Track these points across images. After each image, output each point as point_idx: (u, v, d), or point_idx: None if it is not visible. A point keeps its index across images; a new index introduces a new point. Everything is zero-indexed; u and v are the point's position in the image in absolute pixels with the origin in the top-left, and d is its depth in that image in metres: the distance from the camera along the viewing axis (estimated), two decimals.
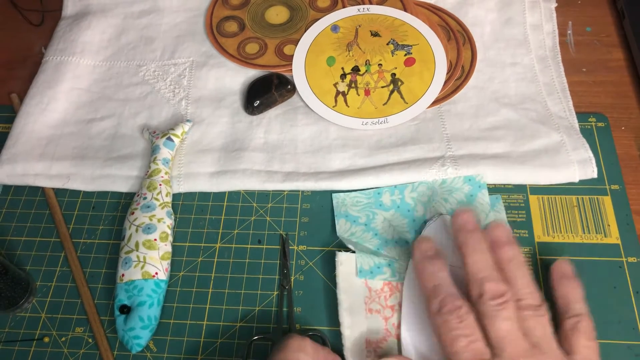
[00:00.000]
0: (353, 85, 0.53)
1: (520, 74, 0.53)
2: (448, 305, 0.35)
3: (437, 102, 0.52)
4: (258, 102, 0.52)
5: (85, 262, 0.47)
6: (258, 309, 0.44)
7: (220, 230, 0.47)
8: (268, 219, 0.48)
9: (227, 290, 0.44)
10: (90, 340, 0.43)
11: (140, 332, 0.41)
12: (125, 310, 0.42)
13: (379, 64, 0.54)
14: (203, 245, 0.47)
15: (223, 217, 0.48)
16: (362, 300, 0.42)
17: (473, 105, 0.52)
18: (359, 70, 0.54)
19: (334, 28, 0.57)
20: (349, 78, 0.53)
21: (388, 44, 0.55)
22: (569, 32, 0.57)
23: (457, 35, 0.56)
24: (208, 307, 0.44)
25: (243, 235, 0.47)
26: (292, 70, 0.54)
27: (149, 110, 0.54)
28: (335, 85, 0.53)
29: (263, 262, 0.46)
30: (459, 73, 0.53)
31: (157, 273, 0.43)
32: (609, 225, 0.45)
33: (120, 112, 0.54)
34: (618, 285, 0.43)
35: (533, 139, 0.48)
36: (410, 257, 0.43)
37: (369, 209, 0.47)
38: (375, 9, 0.58)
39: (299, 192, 0.49)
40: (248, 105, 0.52)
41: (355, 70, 0.54)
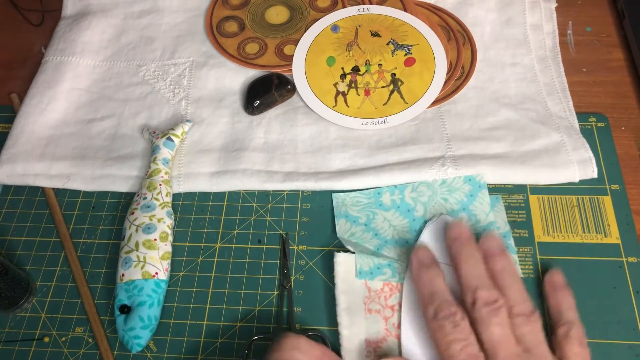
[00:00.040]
0: (353, 85, 0.53)
1: (521, 74, 0.53)
2: (443, 311, 0.36)
3: (437, 102, 0.52)
4: (258, 102, 0.52)
5: (85, 262, 0.47)
6: (258, 309, 0.44)
7: (220, 230, 0.47)
8: (268, 219, 0.48)
9: (227, 290, 0.44)
10: (91, 340, 0.43)
11: (141, 332, 0.41)
12: (126, 310, 0.42)
13: (379, 64, 0.54)
14: (203, 245, 0.47)
15: (223, 217, 0.48)
16: (361, 301, 0.42)
17: (473, 106, 0.52)
18: (359, 70, 0.54)
19: (334, 28, 0.57)
20: (349, 78, 0.53)
21: (388, 44, 0.55)
22: (569, 32, 0.57)
23: (457, 36, 0.56)
24: (208, 307, 0.44)
25: (243, 235, 0.47)
26: (292, 70, 0.54)
27: (149, 110, 0.54)
28: (335, 85, 0.53)
29: (263, 262, 0.46)
30: (459, 73, 0.53)
31: (157, 273, 0.43)
32: (609, 225, 0.45)
33: (120, 112, 0.54)
34: (618, 285, 0.43)
35: (533, 139, 0.48)
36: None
37: (369, 209, 0.47)
38: (375, 9, 0.58)
39: (299, 192, 0.49)
40: (248, 105, 0.52)
41: (355, 70, 0.54)
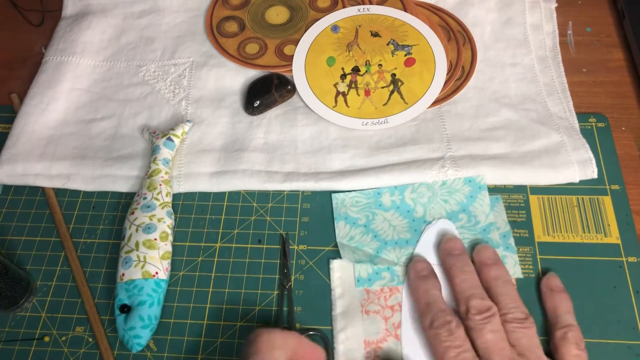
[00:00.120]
0: (353, 86, 0.53)
1: (521, 74, 0.53)
2: (439, 320, 0.38)
3: (437, 102, 0.52)
4: (258, 102, 0.52)
5: (86, 261, 0.47)
6: (258, 309, 0.44)
7: (221, 230, 0.47)
8: (268, 219, 0.48)
9: (227, 290, 0.44)
10: (91, 340, 0.43)
11: (141, 331, 0.41)
12: (126, 310, 0.42)
13: (379, 64, 0.54)
14: (203, 245, 0.47)
15: (223, 217, 0.48)
16: (358, 303, 0.42)
17: (473, 106, 0.52)
18: (359, 71, 0.54)
19: (334, 28, 0.57)
20: (349, 78, 0.53)
21: (388, 44, 0.55)
22: (569, 32, 0.57)
23: (457, 36, 0.56)
24: (208, 306, 0.44)
25: (243, 235, 0.47)
26: (292, 71, 0.54)
27: (149, 111, 0.54)
28: (336, 86, 0.53)
29: (263, 261, 0.46)
30: (459, 73, 0.53)
31: (157, 272, 0.43)
32: (609, 225, 0.45)
33: (120, 112, 0.54)
34: (618, 285, 0.43)
35: (533, 140, 0.48)
36: (410, 260, 0.44)
37: (369, 210, 0.47)
38: (376, 9, 0.58)
39: (299, 192, 0.49)
40: (248, 106, 0.52)
41: (356, 71, 0.54)
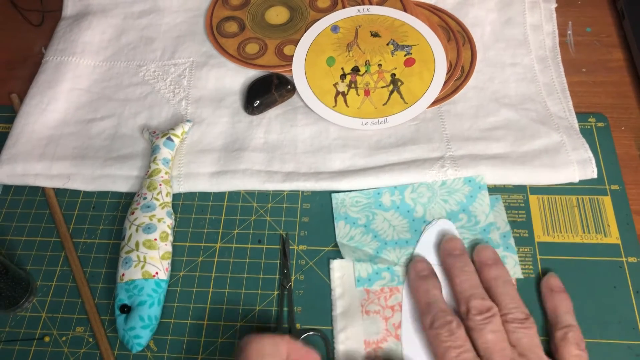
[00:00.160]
0: (353, 86, 0.53)
1: (520, 74, 0.53)
2: (440, 320, 0.38)
3: (437, 102, 0.52)
4: (258, 102, 0.52)
5: (86, 261, 0.47)
6: (258, 309, 0.44)
7: (221, 230, 0.47)
8: (268, 219, 0.48)
9: (227, 290, 0.44)
10: (91, 340, 0.43)
11: (141, 331, 0.41)
12: (126, 310, 0.42)
13: (379, 64, 0.54)
14: (203, 245, 0.47)
15: (223, 217, 0.48)
16: (358, 303, 0.42)
17: (473, 106, 0.52)
18: (359, 71, 0.54)
19: (334, 28, 0.57)
20: (349, 78, 0.54)
21: (388, 45, 0.55)
22: (569, 32, 0.57)
23: (457, 36, 0.56)
24: (208, 306, 0.44)
25: (243, 235, 0.47)
26: (292, 71, 0.55)
27: (149, 111, 0.54)
28: (335, 86, 0.53)
29: (263, 261, 0.46)
30: (459, 73, 0.53)
31: (157, 273, 0.43)
32: (609, 225, 0.45)
33: (120, 112, 0.54)
34: (618, 285, 0.43)
35: (533, 139, 0.48)
36: (410, 260, 0.44)
37: (369, 209, 0.47)
38: (375, 10, 0.58)
39: (299, 192, 0.49)
40: (248, 106, 0.52)
41: (355, 71, 0.54)
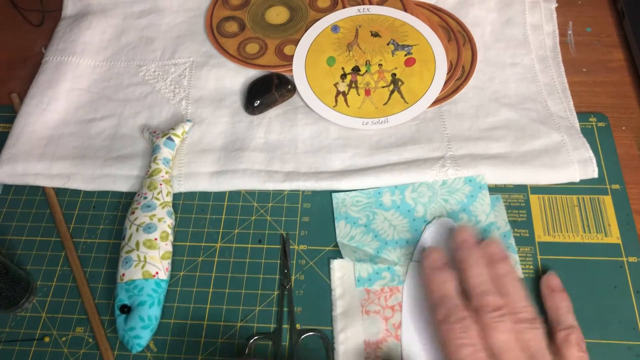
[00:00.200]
0: (353, 85, 0.53)
1: (521, 74, 0.53)
2: (454, 316, 0.37)
3: (437, 102, 0.52)
4: (258, 102, 0.52)
5: (86, 261, 0.47)
6: (258, 309, 0.44)
7: (221, 230, 0.47)
8: (268, 219, 0.48)
9: (227, 290, 0.44)
10: (91, 340, 0.43)
11: (141, 332, 0.41)
12: (126, 310, 0.42)
13: (379, 64, 0.54)
14: (203, 245, 0.47)
15: (223, 216, 0.48)
16: (358, 303, 0.42)
17: (473, 106, 0.52)
18: (359, 71, 0.54)
19: (334, 28, 0.57)
20: (349, 78, 0.53)
21: (388, 44, 0.55)
22: (570, 32, 0.57)
23: (457, 36, 0.56)
24: (208, 306, 0.44)
25: (243, 235, 0.47)
26: (292, 71, 0.54)
27: (149, 110, 0.54)
28: (336, 85, 0.53)
29: (263, 261, 0.45)
30: (459, 73, 0.53)
31: (157, 273, 0.43)
32: (610, 225, 0.45)
33: (121, 112, 0.54)
34: (618, 285, 0.43)
35: (533, 139, 0.48)
36: (410, 259, 0.44)
37: (369, 209, 0.47)
38: (376, 10, 0.58)
39: (300, 191, 0.49)
40: (248, 105, 0.52)
41: (356, 71, 0.54)
